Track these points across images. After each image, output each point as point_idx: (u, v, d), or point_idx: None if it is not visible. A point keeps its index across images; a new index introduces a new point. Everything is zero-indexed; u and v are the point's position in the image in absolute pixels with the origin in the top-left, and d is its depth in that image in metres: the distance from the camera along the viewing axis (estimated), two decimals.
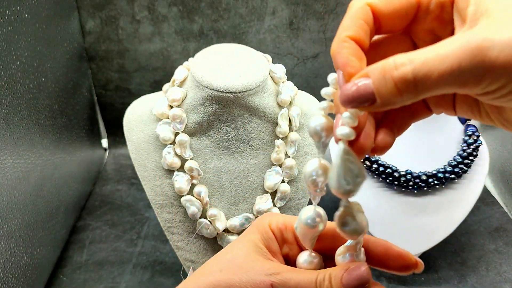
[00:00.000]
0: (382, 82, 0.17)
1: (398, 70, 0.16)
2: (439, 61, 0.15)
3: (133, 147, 0.43)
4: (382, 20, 0.20)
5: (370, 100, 0.17)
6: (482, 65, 0.15)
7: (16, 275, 0.43)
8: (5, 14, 0.41)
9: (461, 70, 0.15)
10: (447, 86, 0.16)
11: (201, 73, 0.39)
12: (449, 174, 0.48)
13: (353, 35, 0.19)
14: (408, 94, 0.16)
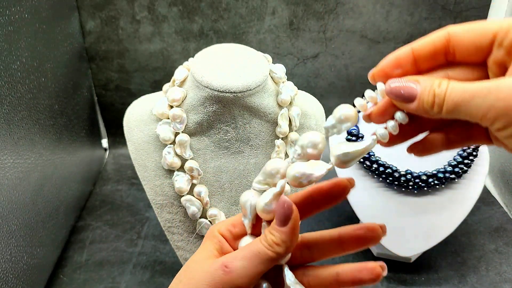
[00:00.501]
0: (426, 91, 0.21)
1: (439, 89, 0.20)
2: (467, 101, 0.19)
3: (133, 147, 0.43)
4: (457, 50, 0.22)
5: (410, 100, 0.21)
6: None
7: (16, 275, 0.43)
8: (5, 14, 0.41)
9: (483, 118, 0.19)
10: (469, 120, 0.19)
11: (201, 73, 0.39)
12: (449, 174, 0.48)
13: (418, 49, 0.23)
14: (438, 110, 0.20)
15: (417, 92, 0.21)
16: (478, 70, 0.22)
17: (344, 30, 0.69)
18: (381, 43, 0.70)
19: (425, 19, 0.68)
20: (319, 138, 0.24)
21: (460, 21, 0.68)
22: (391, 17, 0.68)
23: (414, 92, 0.21)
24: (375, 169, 0.49)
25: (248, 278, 0.23)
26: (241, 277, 0.23)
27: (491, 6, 0.67)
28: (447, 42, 0.22)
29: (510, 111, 0.18)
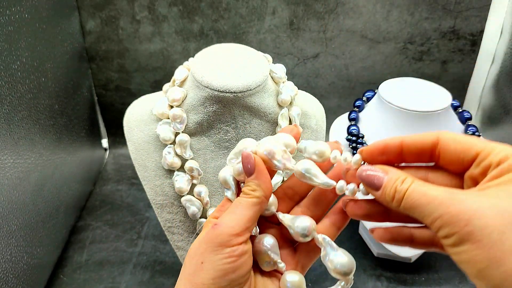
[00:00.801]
0: (390, 184, 0.23)
1: (401, 186, 0.22)
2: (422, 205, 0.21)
3: (133, 147, 0.42)
4: (442, 155, 0.24)
5: (376, 188, 0.24)
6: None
7: (17, 275, 0.43)
8: (5, 14, 0.41)
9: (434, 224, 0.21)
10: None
11: (201, 73, 0.39)
12: None
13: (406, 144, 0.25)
14: (397, 205, 0.22)
15: (383, 182, 0.23)
16: (456, 179, 0.24)
17: (344, 30, 0.69)
18: (382, 43, 0.70)
19: (426, 19, 0.68)
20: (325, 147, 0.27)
21: (461, 21, 0.68)
22: (391, 17, 0.68)
23: (380, 182, 0.23)
24: None
25: (237, 225, 0.25)
26: (230, 226, 0.25)
27: (491, 6, 0.67)
28: (435, 145, 0.24)
29: (453, 222, 0.19)
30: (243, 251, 0.25)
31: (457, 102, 0.53)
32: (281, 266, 0.27)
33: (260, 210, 0.26)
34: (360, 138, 0.51)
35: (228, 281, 0.24)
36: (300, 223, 0.27)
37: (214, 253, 0.24)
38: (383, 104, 0.50)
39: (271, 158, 0.27)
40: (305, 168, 0.27)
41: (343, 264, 0.26)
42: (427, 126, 0.48)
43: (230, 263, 0.24)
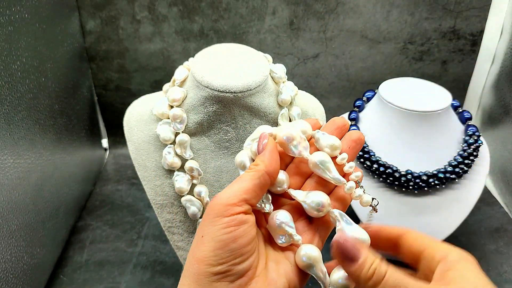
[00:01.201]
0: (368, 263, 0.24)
1: (380, 268, 0.23)
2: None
3: (133, 147, 0.42)
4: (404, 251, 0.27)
5: (352, 261, 0.24)
6: None
7: (17, 275, 0.43)
8: (5, 14, 0.41)
9: None
10: None
11: (201, 73, 0.39)
12: (450, 174, 0.48)
13: None
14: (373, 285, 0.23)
15: (360, 257, 0.24)
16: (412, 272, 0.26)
17: (344, 30, 0.69)
18: (382, 43, 0.70)
19: (426, 19, 0.68)
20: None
21: (461, 21, 0.68)
22: (391, 17, 0.68)
23: (357, 256, 0.24)
24: (376, 169, 0.49)
25: (234, 195, 0.25)
26: (226, 196, 0.25)
27: (491, 6, 0.67)
28: (398, 238, 0.27)
29: None
30: (241, 220, 0.25)
31: (457, 102, 0.53)
32: (297, 239, 0.27)
33: (261, 185, 0.26)
34: None
35: (229, 252, 0.24)
36: (314, 198, 0.27)
37: (212, 225, 0.25)
38: (383, 104, 0.50)
39: (289, 143, 0.28)
40: (321, 160, 0.28)
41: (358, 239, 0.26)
42: (427, 126, 0.48)
43: (228, 233, 0.24)
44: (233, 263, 0.24)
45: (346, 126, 0.30)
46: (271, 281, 0.26)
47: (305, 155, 0.28)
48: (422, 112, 0.47)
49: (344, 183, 0.28)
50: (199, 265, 0.24)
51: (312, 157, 0.28)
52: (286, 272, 0.26)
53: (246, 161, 0.29)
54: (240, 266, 0.25)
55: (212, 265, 0.24)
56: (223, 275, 0.24)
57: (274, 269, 0.26)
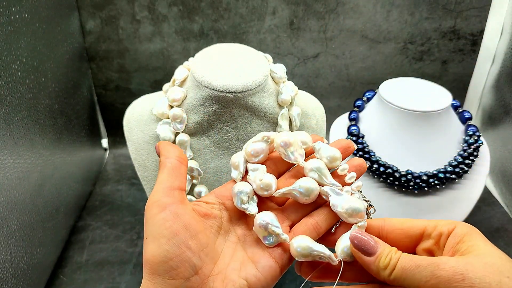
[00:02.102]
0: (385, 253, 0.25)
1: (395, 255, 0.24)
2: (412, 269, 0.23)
3: (133, 147, 0.42)
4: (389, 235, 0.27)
5: (369, 254, 0.25)
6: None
7: (16, 275, 0.43)
8: (5, 14, 0.41)
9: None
10: None
11: (201, 73, 0.39)
12: (450, 174, 0.48)
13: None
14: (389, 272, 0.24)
15: (377, 249, 0.25)
16: None
17: (344, 30, 0.69)
18: (382, 43, 0.70)
19: (426, 19, 0.68)
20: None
21: (461, 20, 0.68)
22: (391, 17, 0.68)
23: (374, 249, 0.25)
24: (376, 169, 0.49)
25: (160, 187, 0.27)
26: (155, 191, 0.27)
27: (491, 6, 0.67)
28: (382, 226, 0.27)
29: (449, 279, 0.22)
30: (176, 213, 0.26)
31: (457, 102, 0.53)
32: (284, 237, 0.27)
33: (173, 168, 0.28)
34: (360, 138, 0.51)
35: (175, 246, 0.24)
36: (302, 183, 0.28)
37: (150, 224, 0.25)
38: (383, 104, 0.50)
39: (286, 148, 0.28)
40: (317, 167, 0.28)
41: (351, 205, 0.27)
42: (427, 126, 0.48)
43: (168, 228, 0.25)
44: (182, 258, 0.24)
45: (351, 148, 0.30)
46: (229, 281, 0.26)
47: (300, 162, 0.29)
48: (422, 112, 0.47)
49: (340, 189, 0.28)
50: (150, 265, 0.24)
51: (308, 164, 0.29)
52: (247, 275, 0.27)
53: (241, 162, 0.30)
54: (191, 262, 0.25)
55: (161, 262, 0.24)
56: (175, 272, 0.24)
57: (236, 270, 0.27)
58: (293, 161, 0.29)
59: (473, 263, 0.22)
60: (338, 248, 0.27)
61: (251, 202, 0.29)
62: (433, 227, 0.26)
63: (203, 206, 0.28)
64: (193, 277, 0.25)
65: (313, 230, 0.29)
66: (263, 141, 0.30)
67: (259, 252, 0.28)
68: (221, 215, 0.29)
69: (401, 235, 0.27)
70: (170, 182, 0.27)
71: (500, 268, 0.22)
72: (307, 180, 0.28)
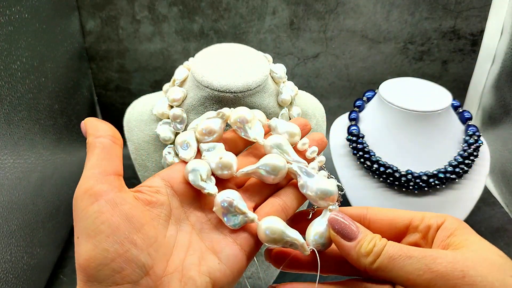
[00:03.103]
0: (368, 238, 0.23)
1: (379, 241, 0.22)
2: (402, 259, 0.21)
3: (133, 147, 0.42)
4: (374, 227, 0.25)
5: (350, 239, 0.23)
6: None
7: (16, 275, 0.43)
8: (5, 14, 0.41)
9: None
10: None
11: (201, 73, 0.39)
12: (450, 174, 0.48)
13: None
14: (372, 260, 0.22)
15: (358, 234, 0.23)
16: None
17: (344, 30, 0.69)
18: (382, 43, 0.70)
19: (426, 19, 0.68)
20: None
21: (461, 20, 0.68)
22: (391, 17, 0.68)
23: (355, 233, 0.23)
24: (376, 169, 0.49)
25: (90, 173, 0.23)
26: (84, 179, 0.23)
27: (491, 6, 0.66)
28: (364, 215, 0.25)
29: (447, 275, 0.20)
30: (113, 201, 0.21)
31: (457, 102, 0.53)
32: (252, 217, 0.24)
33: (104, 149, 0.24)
34: (360, 138, 0.51)
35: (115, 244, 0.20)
36: (267, 161, 0.25)
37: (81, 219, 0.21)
38: (383, 104, 0.50)
39: (244, 124, 0.26)
40: (277, 143, 0.26)
41: (321, 186, 0.25)
42: (428, 126, 0.48)
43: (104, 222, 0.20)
44: (127, 258, 0.20)
45: (308, 126, 0.28)
46: (188, 280, 0.22)
47: (260, 140, 0.26)
48: (422, 112, 0.47)
49: (305, 165, 0.26)
50: (85, 272, 0.19)
51: (268, 141, 0.26)
52: (209, 269, 0.22)
53: (191, 140, 0.27)
54: (139, 261, 0.20)
55: (100, 265, 0.19)
56: (119, 276, 0.19)
57: (195, 265, 0.22)
58: (252, 139, 0.26)
59: (473, 259, 0.20)
60: (309, 235, 0.24)
61: (208, 182, 0.25)
62: (420, 219, 0.24)
63: (147, 192, 0.23)
64: (143, 279, 0.20)
65: (281, 211, 0.25)
66: (218, 117, 0.27)
67: (220, 240, 0.24)
68: (169, 201, 0.24)
69: (385, 226, 0.25)
70: (103, 166, 0.22)
71: (503, 266, 0.20)
72: (272, 157, 0.25)
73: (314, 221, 0.25)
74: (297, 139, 0.27)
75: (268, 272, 0.45)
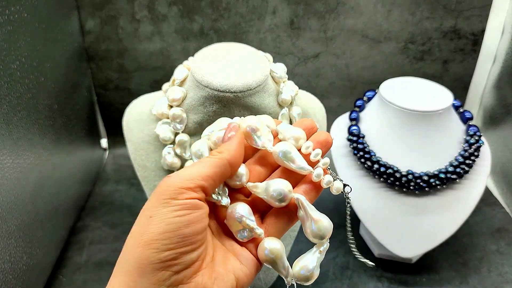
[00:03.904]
0: None
1: None
2: None
3: (132, 147, 0.42)
4: None
5: None
6: None
7: (16, 276, 0.42)
8: (5, 13, 0.41)
9: None
10: None
11: (201, 72, 0.39)
12: (451, 174, 0.47)
13: None
14: None
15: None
16: None
17: (345, 29, 0.69)
18: (382, 42, 0.70)
19: (427, 19, 0.67)
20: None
21: (462, 20, 0.67)
22: (392, 17, 0.67)
23: None
24: (376, 170, 0.48)
25: (190, 179, 0.23)
26: (182, 178, 0.23)
27: (492, 6, 0.66)
28: None
29: None
30: (196, 205, 0.23)
31: (458, 102, 0.52)
32: (259, 232, 0.26)
33: (221, 174, 0.25)
34: (361, 138, 0.50)
35: (180, 238, 0.22)
36: (275, 186, 0.26)
37: (163, 206, 0.22)
38: (384, 104, 0.50)
39: (253, 133, 0.27)
40: (284, 151, 0.27)
41: (319, 227, 0.25)
42: (428, 126, 0.48)
43: (181, 216, 0.22)
44: (182, 251, 0.22)
45: (314, 128, 0.29)
46: (218, 275, 0.24)
47: (268, 148, 0.27)
48: (423, 112, 0.47)
49: (311, 171, 0.27)
50: (143, 249, 0.22)
51: (275, 148, 0.27)
52: (234, 268, 0.25)
53: (204, 150, 0.27)
54: (188, 256, 0.22)
55: (159, 250, 0.22)
56: (169, 263, 0.22)
57: (221, 263, 0.25)
58: (261, 147, 0.27)
59: None
60: (296, 268, 0.25)
61: (221, 193, 0.27)
62: None
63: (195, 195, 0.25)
64: (184, 271, 0.22)
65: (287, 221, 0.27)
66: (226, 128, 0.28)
67: (235, 244, 0.26)
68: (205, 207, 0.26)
69: None
70: (208, 183, 0.24)
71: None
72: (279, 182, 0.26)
73: (305, 255, 0.26)
74: (302, 142, 0.28)
75: (268, 273, 0.44)
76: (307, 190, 0.27)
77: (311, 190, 0.27)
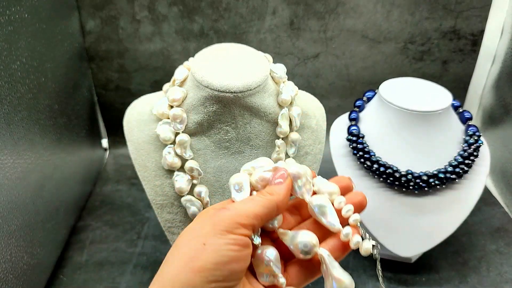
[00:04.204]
0: None
1: None
2: None
3: (133, 147, 0.42)
4: None
5: None
6: None
7: (16, 275, 0.43)
8: (5, 14, 0.41)
9: None
10: None
11: (201, 73, 0.39)
12: (450, 174, 0.48)
13: None
14: None
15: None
16: None
17: (344, 30, 0.69)
18: (382, 43, 0.70)
19: (426, 19, 0.68)
20: None
21: (461, 20, 0.68)
22: (392, 17, 0.68)
23: None
24: (376, 170, 0.49)
25: (246, 215, 0.24)
26: (239, 213, 0.24)
27: (491, 6, 0.66)
28: None
29: None
30: (247, 243, 0.23)
31: (457, 102, 0.53)
32: (282, 281, 0.26)
33: (269, 215, 0.25)
34: (360, 138, 0.51)
35: (229, 271, 0.22)
36: (302, 238, 0.26)
37: (219, 236, 0.23)
38: (383, 104, 0.50)
39: (294, 181, 0.27)
40: (319, 205, 0.27)
41: (341, 285, 0.26)
42: (428, 126, 0.48)
43: (235, 251, 0.23)
44: (225, 285, 0.22)
45: (350, 187, 0.29)
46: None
47: (306, 199, 0.28)
48: (422, 112, 0.47)
49: (339, 230, 0.27)
50: (194, 275, 0.21)
51: (312, 200, 0.27)
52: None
53: (246, 185, 0.28)
54: (237, 275, 0.23)
55: (208, 280, 0.22)
56: (222, 283, 0.22)
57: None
58: (299, 196, 0.28)
59: None
60: None
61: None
62: None
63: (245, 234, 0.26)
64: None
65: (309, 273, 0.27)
66: (273, 171, 0.28)
67: (260, 286, 0.27)
68: None
69: None
70: (257, 222, 0.25)
71: None
72: (306, 235, 0.27)
73: None
74: (334, 197, 0.28)
75: None
76: (334, 247, 0.27)
77: (339, 248, 0.27)
